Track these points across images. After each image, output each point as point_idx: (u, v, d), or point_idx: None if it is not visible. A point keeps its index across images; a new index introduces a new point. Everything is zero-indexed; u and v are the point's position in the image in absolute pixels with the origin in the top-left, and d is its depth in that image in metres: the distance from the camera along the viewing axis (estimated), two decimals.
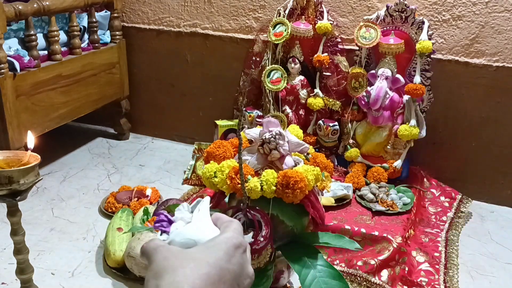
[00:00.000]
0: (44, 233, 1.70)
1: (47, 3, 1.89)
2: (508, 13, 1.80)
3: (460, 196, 1.94)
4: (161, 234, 0.49)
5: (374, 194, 1.76)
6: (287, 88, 2.03)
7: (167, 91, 2.46)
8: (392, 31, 1.87)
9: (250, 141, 1.19)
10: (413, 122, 1.84)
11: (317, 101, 1.99)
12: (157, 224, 0.49)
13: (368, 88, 1.89)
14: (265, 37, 2.09)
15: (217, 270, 0.42)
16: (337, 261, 1.53)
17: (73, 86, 2.12)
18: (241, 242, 0.46)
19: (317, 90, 2.01)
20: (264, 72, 2.01)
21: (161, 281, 0.41)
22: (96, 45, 2.23)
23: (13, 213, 1.12)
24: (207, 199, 0.51)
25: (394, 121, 1.91)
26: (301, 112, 2.07)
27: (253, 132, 1.14)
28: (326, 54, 1.98)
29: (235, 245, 0.44)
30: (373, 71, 1.91)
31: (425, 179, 1.97)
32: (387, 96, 1.86)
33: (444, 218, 1.81)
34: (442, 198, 1.92)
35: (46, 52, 2.00)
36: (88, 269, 1.53)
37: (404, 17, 1.87)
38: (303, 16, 2.01)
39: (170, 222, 0.49)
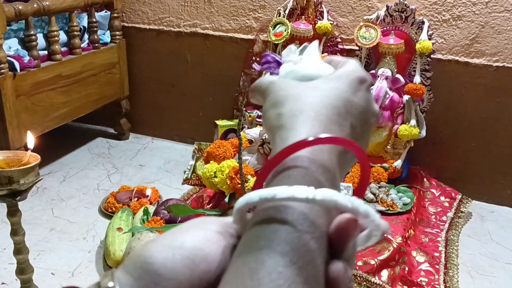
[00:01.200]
0: (44, 233, 1.70)
1: (47, 3, 1.89)
2: (508, 13, 1.80)
3: (460, 196, 1.94)
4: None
5: (374, 194, 1.76)
6: None
7: (167, 91, 2.46)
8: (392, 31, 1.87)
9: (250, 141, 1.19)
10: (413, 122, 1.84)
11: None
12: (264, 66, 0.44)
13: None
14: (265, 37, 2.09)
15: (343, 101, 0.37)
16: None
17: (73, 86, 2.12)
18: (365, 75, 0.40)
19: None
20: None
21: (282, 108, 0.37)
22: (96, 45, 2.23)
23: (13, 213, 1.12)
24: (315, 42, 0.45)
25: (394, 121, 1.91)
26: None
27: (253, 132, 1.14)
28: (326, 54, 1.98)
29: (359, 78, 0.39)
30: (373, 71, 1.91)
31: (425, 179, 1.97)
32: (387, 96, 1.86)
33: (444, 218, 1.81)
34: (442, 198, 1.92)
35: (46, 52, 1.99)
36: (88, 269, 1.53)
37: (404, 17, 1.87)
38: (303, 16, 2.01)
39: (279, 64, 0.43)
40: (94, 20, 2.19)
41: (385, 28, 1.90)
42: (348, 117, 0.37)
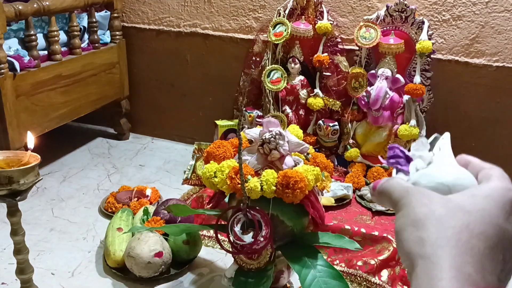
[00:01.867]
0: (44, 233, 1.70)
1: (47, 3, 1.89)
2: (508, 13, 1.80)
3: None
4: (396, 173, 0.40)
5: None
6: (287, 88, 2.03)
7: (167, 91, 2.46)
8: (392, 31, 1.87)
9: (250, 141, 1.19)
10: (413, 122, 1.84)
11: (317, 101, 1.99)
12: (391, 160, 0.41)
13: (368, 88, 1.89)
14: (265, 37, 2.09)
15: (495, 229, 0.32)
16: (337, 261, 1.53)
17: (73, 86, 2.12)
18: None
19: (317, 90, 2.01)
20: (264, 72, 2.01)
21: (425, 231, 0.32)
22: (96, 45, 2.23)
23: (13, 213, 1.12)
24: (447, 135, 0.42)
25: (394, 121, 1.91)
26: (301, 112, 2.07)
27: (253, 132, 1.14)
28: (326, 54, 1.98)
29: None
30: (373, 71, 1.91)
31: None
32: (387, 96, 1.86)
33: None
34: None
35: (46, 52, 1.99)
36: (88, 269, 1.53)
37: (404, 17, 1.87)
38: (303, 16, 2.01)
39: (408, 160, 0.40)
40: (94, 20, 2.19)
41: (385, 28, 1.90)
42: (501, 250, 0.32)
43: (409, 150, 0.41)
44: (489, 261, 0.31)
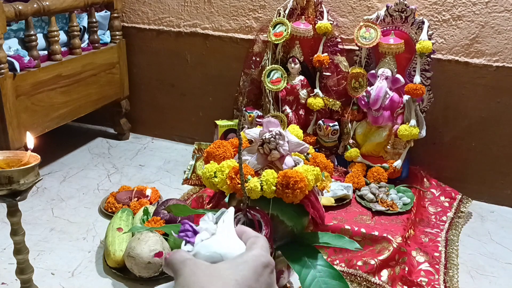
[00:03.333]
0: (44, 233, 1.71)
1: (47, 3, 1.89)
2: (508, 13, 1.80)
3: (460, 196, 1.94)
4: (185, 244, 0.49)
5: (374, 194, 1.76)
6: (287, 88, 2.03)
7: (167, 91, 2.46)
8: (392, 31, 1.87)
9: (250, 141, 1.19)
10: (413, 122, 1.84)
11: (317, 101, 1.99)
12: (181, 234, 0.49)
13: (368, 88, 1.89)
14: (265, 37, 2.09)
15: None
16: (337, 261, 1.53)
17: (73, 86, 2.12)
18: (269, 261, 0.44)
19: (317, 90, 2.01)
20: (264, 72, 2.01)
21: None
22: (96, 45, 2.23)
23: (13, 213, 1.12)
24: (231, 209, 0.50)
25: (394, 121, 1.91)
26: (301, 112, 2.07)
27: (253, 132, 1.14)
28: (326, 54, 1.98)
29: (263, 264, 0.44)
30: (373, 71, 1.91)
31: (425, 179, 1.97)
32: (387, 96, 1.86)
33: (444, 218, 1.81)
34: (442, 198, 1.92)
35: (46, 52, 2.00)
36: (88, 269, 1.53)
37: (404, 17, 1.87)
38: (303, 16, 2.01)
39: (195, 232, 0.49)
40: (94, 20, 2.19)
41: (385, 28, 1.90)
42: None
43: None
44: None
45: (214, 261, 0.45)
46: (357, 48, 1.95)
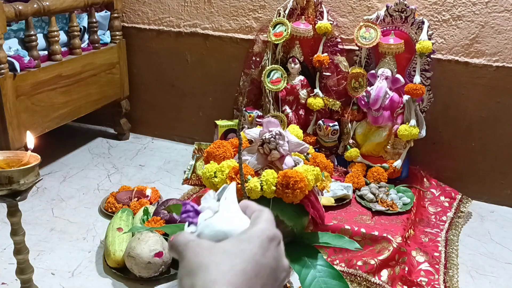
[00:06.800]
0: (44, 233, 1.71)
1: (47, 3, 1.89)
2: (508, 13, 1.80)
3: (460, 196, 1.94)
4: (188, 225, 0.46)
5: (374, 194, 1.76)
6: (287, 88, 2.03)
7: (167, 91, 2.46)
8: (392, 31, 1.87)
9: (250, 141, 1.19)
10: (413, 122, 1.84)
11: (317, 101, 1.99)
12: (183, 215, 0.47)
13: (368, 88, 1.89)
14: (265, 37, 2.09)
15: (252, 265, 0.40)
16: (337, 261, 1.53)
17: (73, 86, 2.12)
18: (275, 233, 0.43)
19: (317, 90, 2.01)
20: (264, 72, 2.01)
21: (196, 279, 0.39)
22: (96, 45, 2.23)
23: (13, 213, 1.12)
24: (233, 185, 0.48)
25: (394, 121, 1.91)
26: (301, 112, 2.07)
27: (253, 132, 1.14)
28: (326, 54, 1.98)
29: (269, 237, 0.42)
30: (373, 71, 1.91)
31: (425, 179, 1.97)
32: (387, 96, 1.86)
33: (444, 218, 1.81)
34: (442, 198, 1.92)
35: (46, 52, 1.99)
36: (88, 269, 1.53)
37: (404, 17, 1.87)
38: (303, 16, 2.01)
39: (197, 213, 0.46)
40: (94, 20, 2.19)
41: (385, 28, 1.90)
42: (258, 281, 0.40)
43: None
44: None
45: (219, 240, 0.43)
46: (357, 48, 1.96)
